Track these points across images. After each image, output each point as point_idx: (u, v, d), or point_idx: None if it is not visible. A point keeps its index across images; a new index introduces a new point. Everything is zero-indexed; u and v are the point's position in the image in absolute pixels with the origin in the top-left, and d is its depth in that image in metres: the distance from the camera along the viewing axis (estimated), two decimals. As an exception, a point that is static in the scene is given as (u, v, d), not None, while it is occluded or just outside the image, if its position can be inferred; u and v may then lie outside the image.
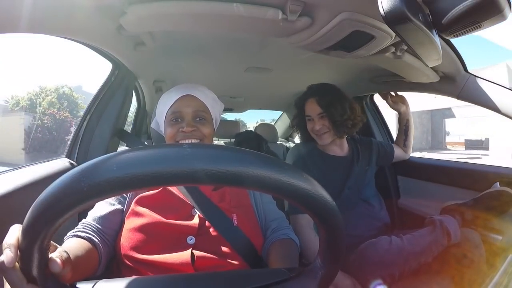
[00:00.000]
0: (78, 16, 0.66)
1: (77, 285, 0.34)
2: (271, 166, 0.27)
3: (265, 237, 0.69)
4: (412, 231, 0.87)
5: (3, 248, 0.30)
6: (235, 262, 0.58)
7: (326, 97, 1.07)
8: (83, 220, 0.60)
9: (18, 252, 0.29)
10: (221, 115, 0.86)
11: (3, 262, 0.29)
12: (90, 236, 0.56)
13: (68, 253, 0.35)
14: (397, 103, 1.29)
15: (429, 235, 0.83)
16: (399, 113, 1.29)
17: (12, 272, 0.29)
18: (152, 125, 0.84)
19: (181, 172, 0.25)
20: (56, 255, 0.32)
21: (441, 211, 0.96)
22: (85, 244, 0.53)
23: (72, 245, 0.51)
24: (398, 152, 1.30)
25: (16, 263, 0.29)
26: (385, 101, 1.34)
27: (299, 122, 1.18)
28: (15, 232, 0.30)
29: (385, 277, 0.78)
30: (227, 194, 0.68)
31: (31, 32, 0.62)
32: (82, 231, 0.56)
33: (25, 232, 0.28)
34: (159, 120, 0.78)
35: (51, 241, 0.33)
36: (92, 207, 0.64)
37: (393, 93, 1.31)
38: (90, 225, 0.59)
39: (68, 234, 0.56)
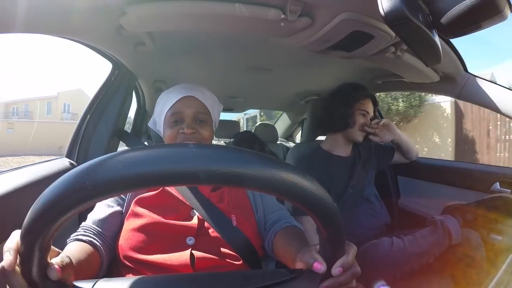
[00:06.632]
0: (78, 16, 0.65)
1: (78, 285, 0.34)
2: (260, 164, 0.27)
3: (266, 231, 0.67)
4: (413, 231, 0.87)
5: (3, 252, 0.30)
6: (235, 263, 0.58)
7: None
8: (84, 223, 0.61)
9: (18, 256, 0.30)
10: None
11: (3, 267, 0.29)
12: (91, 239, 0.56)
13: (70, 258, 0.35)
14: (384, 134, 1.11)
15: (430, 235, 0.83)
16: (392, 143, 1.21)
17: (13, 277, 0.29)
18: (150, 124, 0.82)
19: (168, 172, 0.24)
20: (57, 260, 0.33)
21: (443, 210, 0.95)
22: (87, 247, 0.54)
23: (74, 248, 0.52)
24: (398, 156, 1.28)
25: (17, 267, 0.30)
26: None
27: (344, 113, 1.09)
28: (15, 237, 0.31)
29: (387, 278, 0.78)
30: (226, 195, 0.68)
31: (30, 32, 0.62)
32: (83, 235, 0.57)
33: (23, 235, 0.28)
34: (158, 120, 0.77)
35: (53, 247, 0.33)
36: (91, 209, 0.64)
37: (373, 123, 1.10)
38: (91, 228, 0.59)
39: (70, 237, 0.56)
